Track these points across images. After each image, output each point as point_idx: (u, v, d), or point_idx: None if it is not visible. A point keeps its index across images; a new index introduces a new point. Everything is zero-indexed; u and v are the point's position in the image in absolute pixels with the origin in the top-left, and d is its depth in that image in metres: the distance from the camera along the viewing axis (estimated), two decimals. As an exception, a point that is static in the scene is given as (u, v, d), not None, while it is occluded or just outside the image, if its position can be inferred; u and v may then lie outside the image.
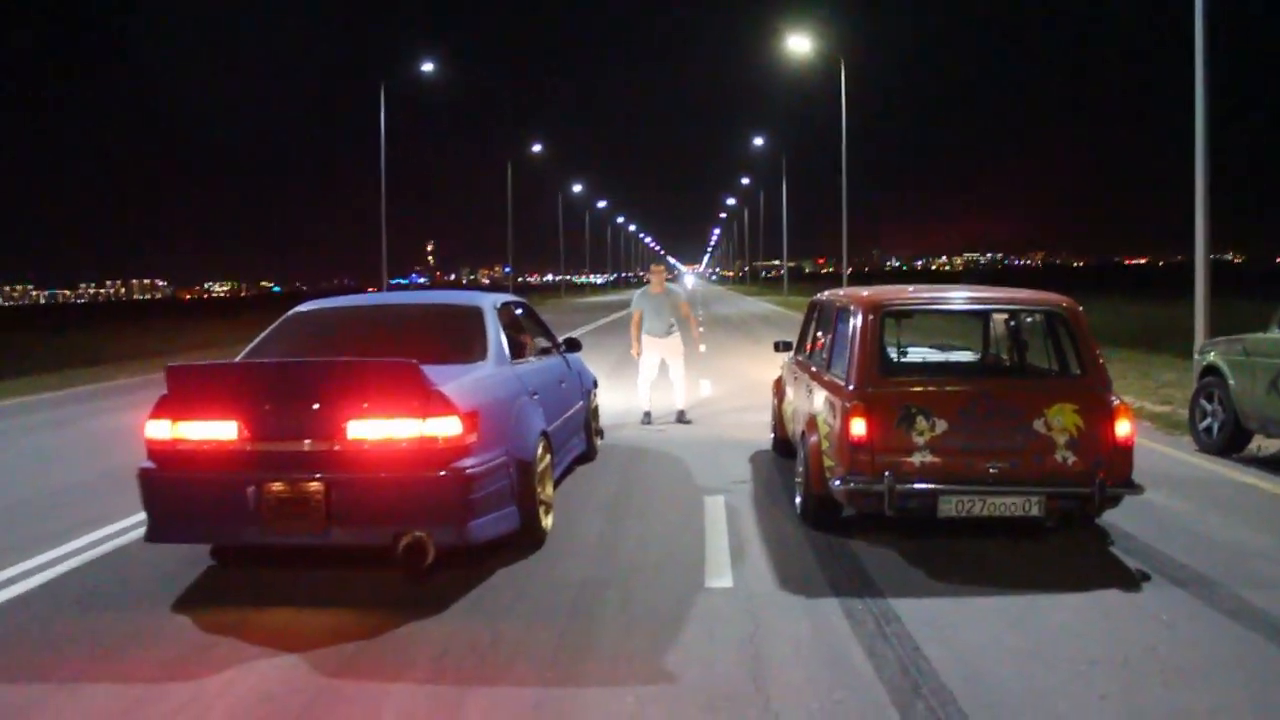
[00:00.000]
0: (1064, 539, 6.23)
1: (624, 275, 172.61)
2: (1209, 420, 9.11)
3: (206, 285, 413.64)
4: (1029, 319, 7.49)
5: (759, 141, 68.70)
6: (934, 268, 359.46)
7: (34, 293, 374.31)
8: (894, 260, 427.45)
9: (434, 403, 5.16)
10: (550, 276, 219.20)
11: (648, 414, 11.38)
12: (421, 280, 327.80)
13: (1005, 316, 7.60)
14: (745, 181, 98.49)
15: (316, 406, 5.19)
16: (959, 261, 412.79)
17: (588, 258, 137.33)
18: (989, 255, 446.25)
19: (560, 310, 50.67)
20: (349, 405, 5.16)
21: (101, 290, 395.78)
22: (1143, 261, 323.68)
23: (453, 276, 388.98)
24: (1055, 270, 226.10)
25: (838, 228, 36.65)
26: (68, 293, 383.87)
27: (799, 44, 34.76)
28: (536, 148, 64.90)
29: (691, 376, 12.70)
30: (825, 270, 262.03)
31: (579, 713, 3.91)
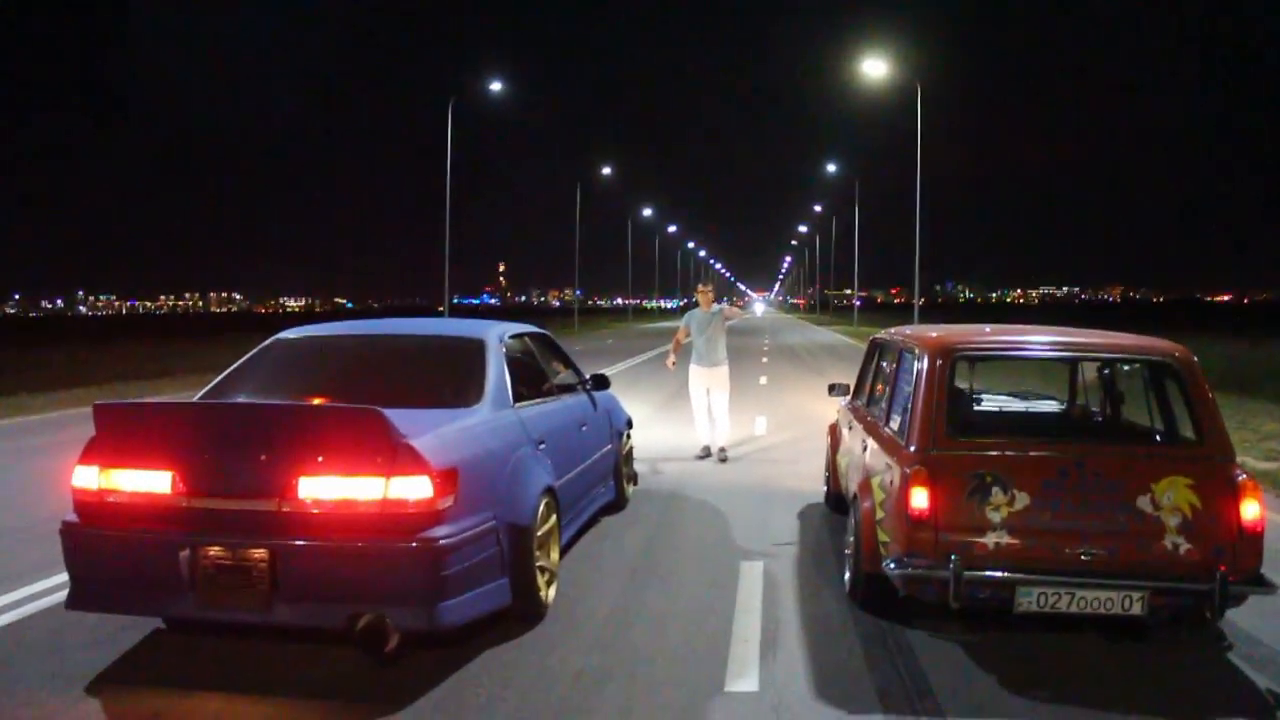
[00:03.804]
0: (1171, 643, 5.10)
1: (693, 300, 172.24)
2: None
3: (281, 300, 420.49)
4: (1126, 367, 6.39)
5: (832, 168, 67.44)
6: (1009, 300, 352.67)
7: (115, 303, 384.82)
8: (967, 292, 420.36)
9: (401, 458, 4.27)
10: (619, 300, 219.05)
11: (706, 448, 10.78)
12: (492, 301, 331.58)
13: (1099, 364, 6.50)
14: (817, 209, 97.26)
15: (264, 458, 4.33)
16: (1035, 295, 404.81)
17: (657, 282, 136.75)
18: (1064, 289, 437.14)
19: (625, 335, 49.89)
20: (302, 458, 4.29)
21: (180, 303, 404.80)
22: (1226, 298, 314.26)
23: (522, 298, 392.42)
24: (1134, 306, 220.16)
25: (911, 257, 35.27)
26: (149, 304, 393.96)
27: (874, 68, 33.64)
28: (606, 170, 64.69)
29: (747, 412, 11.96)
30: (898, 300, 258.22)
31: None
